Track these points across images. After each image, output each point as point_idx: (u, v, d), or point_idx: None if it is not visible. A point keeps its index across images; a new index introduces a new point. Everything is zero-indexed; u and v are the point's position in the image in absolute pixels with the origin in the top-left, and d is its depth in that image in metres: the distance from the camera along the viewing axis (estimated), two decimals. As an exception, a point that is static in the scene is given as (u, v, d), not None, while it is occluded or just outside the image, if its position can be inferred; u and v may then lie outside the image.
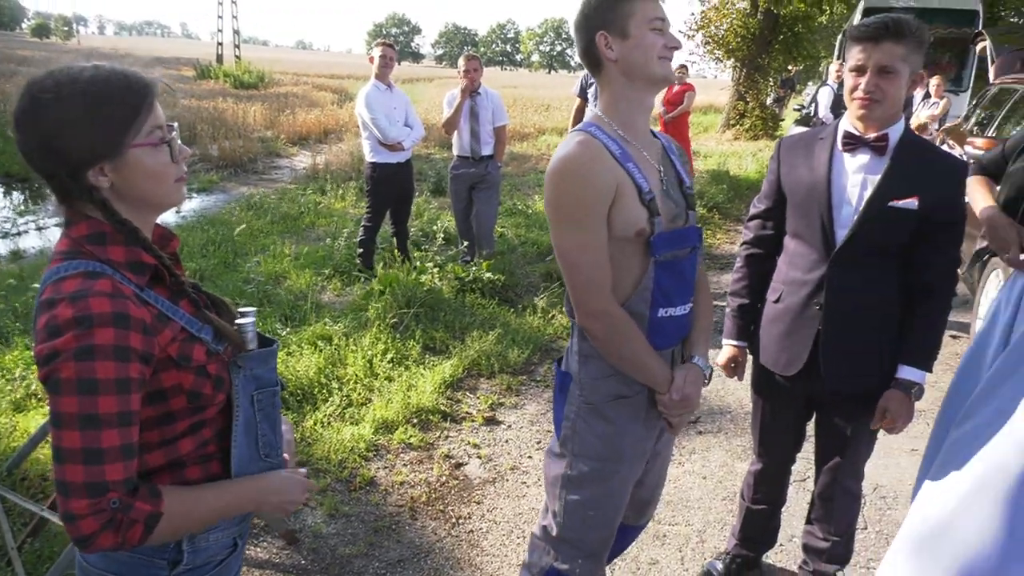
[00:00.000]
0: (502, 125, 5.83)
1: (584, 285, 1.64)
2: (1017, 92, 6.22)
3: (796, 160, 2.18)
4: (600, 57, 1.65)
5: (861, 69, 1.97)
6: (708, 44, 18.98)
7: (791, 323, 2.18)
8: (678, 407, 1.74)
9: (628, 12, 1.61)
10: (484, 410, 3.90)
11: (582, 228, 1.61)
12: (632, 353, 1.68)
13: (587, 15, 1.66)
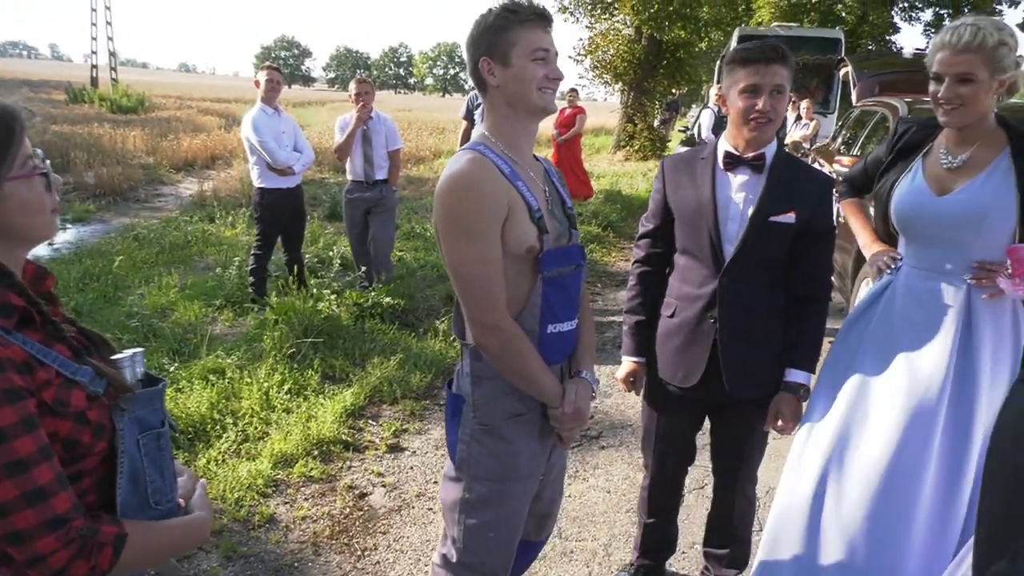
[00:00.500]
0: (396, 149, 5.80)
1: (480, 299, 1.64)
2: (877, 114, 6.73)
3: (680, 180, 2.27)
4: (484, 81, 1.69)
5: (756, 90, 2.07)
6: (596, 68, 19.62)
7: (687, 336, 2.27)
8: (570, 421, 1.78)
9: (511, 41, 1.64)
10: (387, 437, 3.83)
11: (478, 242, 1.62)
12: (527, 368, 1.70)
13: (474, 38, 1.70)
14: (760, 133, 2.12)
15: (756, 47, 2.11)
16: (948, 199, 2.12)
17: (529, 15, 1.66)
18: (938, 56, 2.06)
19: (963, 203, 2.09)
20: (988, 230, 2.07)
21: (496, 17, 1.66)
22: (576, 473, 3.57)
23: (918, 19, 26.86)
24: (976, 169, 2.11)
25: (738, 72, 2.10)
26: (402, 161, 6.83)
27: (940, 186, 2.15)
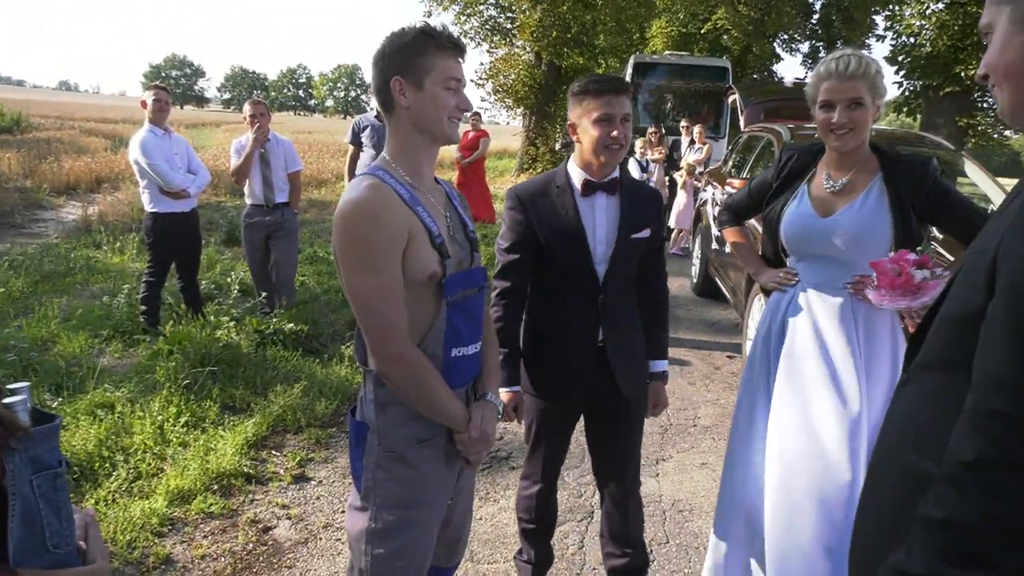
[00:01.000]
0: (296, 171, 5.68)
1: (382, 329, 1.62)
2: (763, 139, 7.13)
3: (543, 210, 2.35)
4: (393, 100, 1.68)
5: (610, 119, 2.22)
6: (498, 92, 19.91)
7: (575, 355, 2.39)
8: (477, 444, 1.79)
9: (427, 66, 1.64)
10: (292, 468, 3.71)
11: (378, 271, 1.60)
12: (432, 394, 1.69)
13: (386, 55, 1.67)
14: (614, 159, 2.27)
15: (604, 79, 2.29)
16: (831, 220, 2.31)
17: (447, 43, 1.66)
18: (825, 85, 2.23)
19: (844, 224, 2.28)
20: (867, 247, 2.27)
21: (414, 39, 1.65)
22: (487, 495, 3.57)
23: (798, 50, 28.68)
24: (855, 192, 2.31)
25: (591, 102, 2.24)
26: (303, 183, 6.68)
27: (824, 208, 2.34)
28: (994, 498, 0.90)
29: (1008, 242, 0.97)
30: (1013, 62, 1.11)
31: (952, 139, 13.94)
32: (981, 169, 6.07)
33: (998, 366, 0.93)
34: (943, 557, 0.94)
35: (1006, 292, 0.95)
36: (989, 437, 0.92)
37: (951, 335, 1.11)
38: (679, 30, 27.73)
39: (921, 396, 1.16)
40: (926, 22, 16.82)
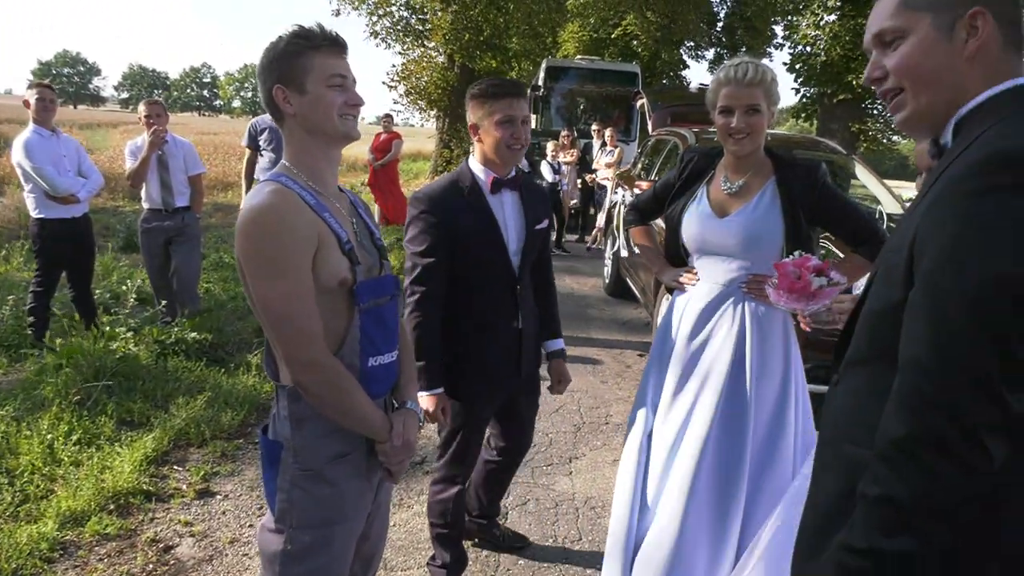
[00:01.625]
0: (197, 174, 5.47)
1: (296, 337, 1.57)
2: (670, 142, 7.33)
3: (456, 210, 2.41)
4: (280, 110, 1.63)
5: (513, 121, 2.37)
6: (411, 95, 19.73)
7: (502, 345, 2.57)
8: (399, 453, 1.75)
9: (306, 68, 1.60)
10: (196, 483, 3.56)
11: (287, 277, 1.54)
12: (352, 403, 1.64)
13: (265, 66, 1.63)
14: (515, 159, 2.46)
15: (505, 82, 2.45)
16: (727, 221, 2.42)
17: (322, 41, 1.62)
18: (724, 91, 2.33)
19: (740, 224, 2.39)
20: (760, 247, 2.39)
21: (287, 43, 1.61)
22: (401, 501, 3.52)
23: (704, 57, 29.68)
24: (750, 194, 2.42)
25: (493, 105, 2.38)
26: (207, 187, 6.43)
27: (722, 209, 2.45)
28: (923, 474, 0.96)
29: (922, 237, 1.03)
30: (934, 70, 1.15)
31: (845, 144, 14.73)
32: (871, 172, 6.43)
33: (920, 351, 0.99)
34: (881, 531, 0.99)
35: (924, 282, 1.00)
36: (916, 417, 0.97)
37: (875, 330, 1.16)
38: (590, 35, 28.23)
39: (852, 391, 1.21)
40: (820, 33, 17.72)
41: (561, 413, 4.73)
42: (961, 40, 1.12)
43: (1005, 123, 1.05)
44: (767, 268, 2.37)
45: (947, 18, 1.12)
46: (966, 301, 0.95)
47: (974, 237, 0.96)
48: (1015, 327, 0.93)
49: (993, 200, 0.95)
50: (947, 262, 0.98)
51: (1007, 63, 1.11)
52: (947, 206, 1.00)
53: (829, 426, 1.28)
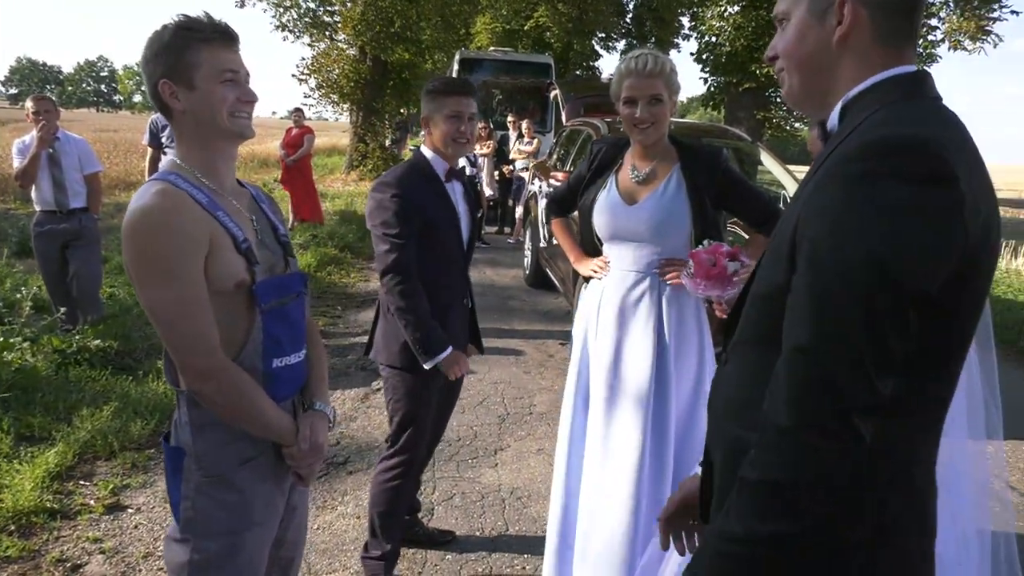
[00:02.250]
0: (94, 172, 5.19)
1: (188, 344, 1.50)
2: (583, 132, 7.42)
3: (423, 196, 2.55)
4: (168, 105, 1.56)
5: (461, 117, 2.55)
6: (322, 88, 19.27)
7: (459, 322, 2.76)
8: (308, 457, 1.70)
9: (194, 62, 1.52)
10: (104, 497, 3.39)
11: (176, 281, 1.47)
12: (253, 409, 1.58)
13: (149, 58, 1.55)
14: (461, 151, 2.66)
15: (457, 81, 2.64)
16: (636, 208, 2.49)
17: (211, 33, 1.53)
18: (627, 83, 2.40)
19: (648, 210, 2.46)
20: (669, 232, 2.47)
21: (173, 35, 1.52)
22: (324, 503, 3.45)
23: (615, 48, 30.16)
24: (656, 181, 2.50)
25: (443, 100, 2.55)
26: (108, 186, 6.12)
27: (631, 197, 2.52)
28: (803, 457, 0.97)
29: (804, 220, 1.04)
30: (807, 54, 1.19)
31: (751, 132, 15.26)
32: (775, 159, 6.68)
33: (802, 334, 1.00)
34: (757, 515, 0.99)
35: (807, 266, 1.02)
36: (797, 401, 0.98)
37: (761, 312, 1.18)
38: (503, 26, 28.27)
39: (738, 372, 1.24)
40: (725, 24, 18.26)
41: (485, 405, 4.73)
42: (832, 26, 1.15)
43: (887, 110, 1.08)
44: (677, 252, 2.47)
45: (821, 4, 1.16)
46: (844, 286, 0.96)
47: (853, 223, 0.97)
48: (889, 314, 0.95)
49: (872, 187, 0.97)
50: (827, 247, 0.99)
51: (883, 49, 1.14)
52: (828, 191, 1.02)
53: (716, 407, 1.30)
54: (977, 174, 1.02)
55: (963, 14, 16.75)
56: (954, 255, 0.97)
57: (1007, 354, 6.29)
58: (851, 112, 1.15)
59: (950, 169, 0.96)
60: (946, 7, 17.53)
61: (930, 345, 1.01)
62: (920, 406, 1.06)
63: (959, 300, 1.02)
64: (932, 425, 1.11)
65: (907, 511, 1.08)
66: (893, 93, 1.11)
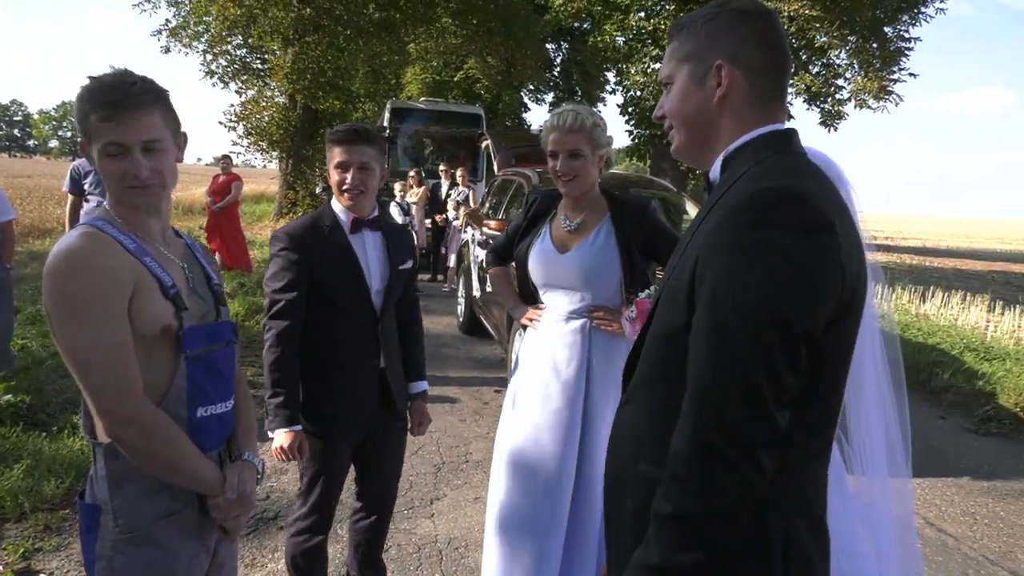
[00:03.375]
0: (7, 221, 5.01)
1: (108, 389, 1.46)
2: (515, 182, 7.55)
3: (316, 249, 2.41)
4: (93, 156, 1.54)
5: (347, 166, 2.39)
6: (251, 135, 19.05)
7: (361, 383, 2.53)
8: (234, 508, 1.66)
9: (89, 131, 1.50)
10: (14, 562, 3.17)
11: (98, 324, 1.44)
12: (176, 457, 1.54)
13: (76, 110, 1.54)
14: (353, 202, 2.44)
15: (345, 129, 2.43)
16: (568, 256, 2.58)
17: (101, 103, 1.48)
18: (551, 137, 2.51)
19: (579, 259, 2.56)
20: (600, 279, 2.57)
21: (79, 99, 1.50)
22: (253, 560, 3.32)
23: (544, 100, 30.95)
24: (587, 231, 2.60)
25: (332, 149, 2.42)
26: (21, 234, 5.87)
27: (563, 246, 2.61)
28: (709, 489, 1.04)
29: (704, 262, 1.12)
30: (690, 113, 1.31)
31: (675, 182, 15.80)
32: (699, 208, 6.92)
33: (704, 370, 1.08)
34: (673, 546, 1.06)
35: (705, 308, 1.10)
36: (700, 435, 1.06)
37: (660, 353, 1.25)
38: (434, 77, 28.71)
39: (641, 411, 1.29)
40: (647, 79, 19.01)
41: (420, 455, 4.67)
42: (712, 87, 1.27)
43: (765, 164, 1.19)
44: (608, 299, 2.58)
45: (699, 69, 1.28)
46: (740, 326, 1.05)
47: (747, 267, 1.06)
48: (781, 352, 1.04)
49: (760, 235, 1.07)
50: (724, 290, 1.08)
51: (757, 108, 1.26)
52: (722, 239, 1.11)
53: (622, 446, 1.35)
54: (847, 223, 1.14)
55: (867, 75, 17.92)
56: (834, 295, 1.07)
57: (918, 395, 6.61)
58: (731, 165, 1.25)
59: (827, 218, 1.07)
60: (851, 68, 18.76)
61: (815, 380, 1.10)
62: (811, 433, 1.16)
63: (836, 337, 1.12)
64: (821, 451, 1.21)
65: (811, 538, 1.16)
66: (768, 148, 1.22)
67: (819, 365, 1.09)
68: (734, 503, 1.03)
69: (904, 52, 17.93)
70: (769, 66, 1.25)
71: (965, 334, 8.69)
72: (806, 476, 1.17)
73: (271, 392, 2.38)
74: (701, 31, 1.28)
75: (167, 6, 18.73)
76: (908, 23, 18.01)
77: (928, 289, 11.80)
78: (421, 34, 20.69)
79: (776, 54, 1.26)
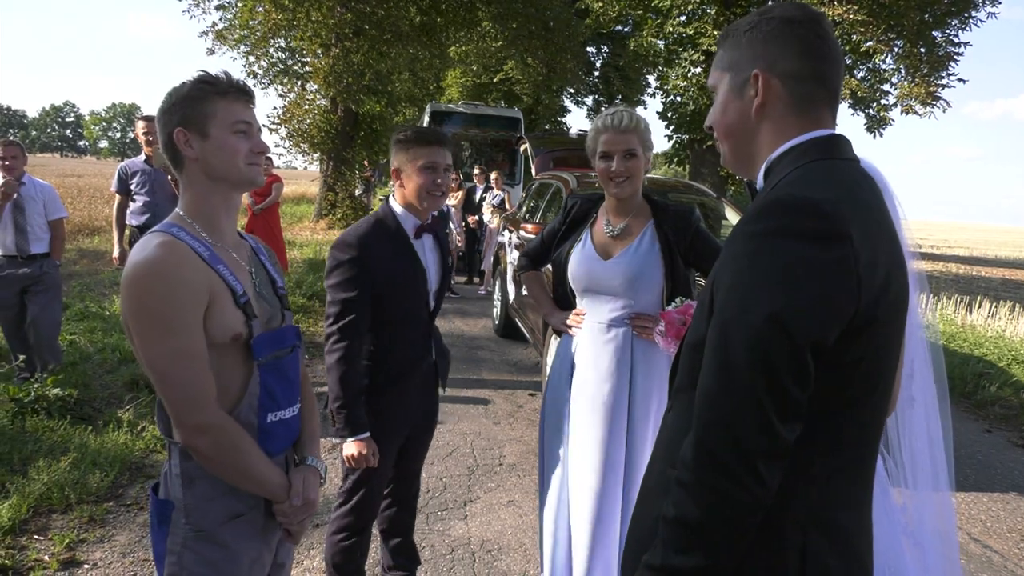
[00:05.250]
0: (59, 219, 5.12)
1: (184, 398, 1.49)
2: (553, 185, 7.55)
3: (382, 254, 2.43)
4: (180, 154, 1.58)
5: (436, 168, 2.45)
6: (293, 137, 19.35)
7: (419, 383, 2.62)
8: (299, 513, 1.69)
9: (209, 112, 1.57)
10: (59, 552, 3.26)
11: (175, 335, 1.47)
12: (247, 464, 1.57)
13: (166, 109, 1.59)
14: (436, 204, 2.51)
15: (431, 131, 2.51)
16: (611, 263, 2.56)
17: (228, 88, 1.59)
18: (603, 138, 2.49)
19: (623, 266, 2.53)
20: (642, 286, 2.54)
21: (192, 87, 1.58)
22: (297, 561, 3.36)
23: (584, 103, 30.92)
24: (631, 237, 2.57)
25: (417, 151, 2.45)
26: (71, 232, 6.04)
27: (605, 251, 2.59)
28: (710, 494, 1.05)
29: (719, 271, 1.13)
30: (731, 124, 1.31)
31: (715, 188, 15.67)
32: (739, 214, 6.85)
33: (708, 380, 1.09)
34: (675, 549, 1.08)
35: (716, 313, 1.11)
36: (703, 442, 1.07)
37: (690, 360, 1.25)
38: (473, 80, 28.85)
39: (676, 417, 1.31)
40: (688, 84, 18.86)
41: (455, 456, 4.69)
42: (750, 97, 1.26)
43: (797, 172, 1.17)
44: (649, 307, 2.55)
45: (739, 79, 1.28)
46: (745, 337, 1.05)
47: (751, 277, 1.06)
48: (785, 362, 1.03)
49: (769, 243, 1.06)
50: (729, 299, 1.08)
51: (798, 116, 1.24)
52: (733, 247, 1.12)
53: (658, 451, 1.37)
54: (879, 234, 1.11)
55: (913, 80, 17.53)
56: (847, 307, 1.05)
57: (964, 407, 6.44)
58: (773, 173, 1.24)
59: (840, 227, 1.05)
60: (897, 73, 18.36)
61: (841, 392, 1.09)
62: (838, 449, 1.14)
63: (860, 349, 1.09)
64: (853, 469, 1.18)
65: (833, 554, 1.13)
66: (807, 156, 1.20)
67: (840, 377, 1.08)
68: (733, 511, 1.05)
69: (953, 57, 17.49)
70: (809, 73, 1.23)
71: (1013, 346, 8.43)
72: (831, 492, 1.15)
73: (339, 401, 2.38)
74: (743, 39, 1.27)
75: (214, 10, 19.10)
76: (958, 27, 17.56)
77: (975, 299, 11.49)
78: (461, 38, 20.81)
79: (817, 61, 1.23)
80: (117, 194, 5.86)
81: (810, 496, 1.12)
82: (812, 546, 1.11)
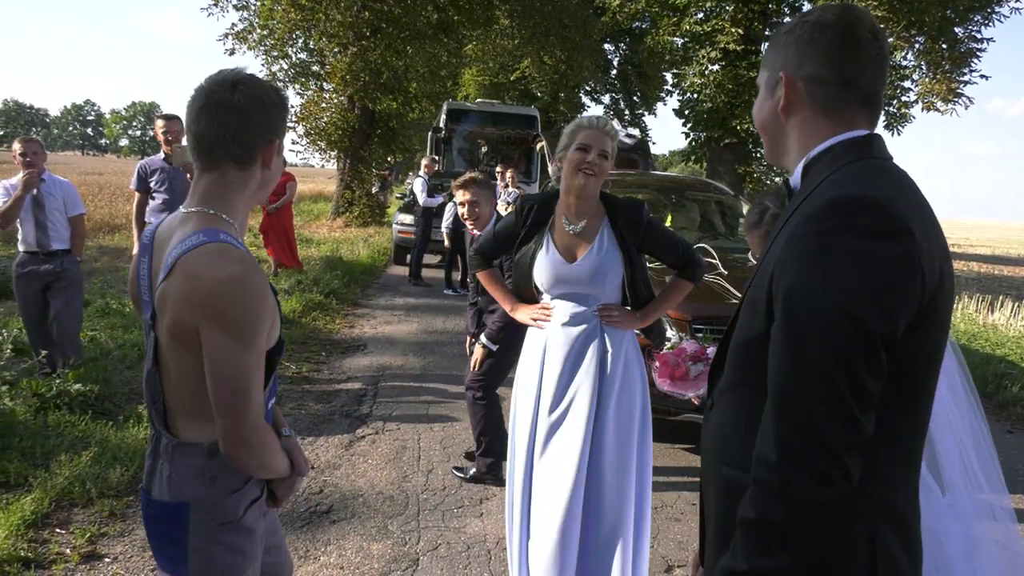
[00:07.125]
0: (78, 215, 5.17)
1: (244, 411, 1.49)
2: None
3: None
4: (256, 158, 1.58)
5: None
6: (310, 135, 19.45)
7: None
8: (299, 484, 1.78)
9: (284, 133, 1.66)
10: (81, 546, 3.30)
11: (254, 349, 1.48)
12: (270, 459, 1.62)
13: (271, 110, 1.59)
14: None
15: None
16: (576, 266, 2.79)
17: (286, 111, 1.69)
18: (583, 133, 2.72)
19: (588, 267, 2.77)
20: (606, 281, 2.79)
21: (287, 103, 1.67)
22: (307, 553, 3.39)
23: (601, 101, 30.83)
24: (591, 236, 2.79)
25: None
26: (92, 229, 6.10)
27: (570, 253, 2.81)
28: (792, 493, 1.05)
29: (779, 275, 1.14)
30: (764, 120, 1.36)
31: (732, 185, 15.56)
32: (756, 211, 6.79)
33: (784, 380, 1.09)
34: (759, 551, 1.08)
35: (783, 317, 1.11)
36: (782, 439, 1.07)
37: (740, 359, 1.27)
38: (490, 79, 28.86)
39: (724, 415, 1.32)
40: (705, 81, 18.75)
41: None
42: (779, 97, 1.31)
43: (841, 172, 1.19)
44: (611, 295, 2.80)
45: (772, 79, 1.33)
46: (819, 334, 1.06)
47: (821, 276, 1.08)
48: (861, 356, 1.04)
49: (837, 241, 1.08)
50: (799, 299, 1.09)
51: (827, 117, 1.27)
52: (798, 247, 1.12)
53: (707, 451, 1.38)
54: (930, 227, 1.14)
55: (935, 77, 17.32)
56: (913, 300, 1.07)
57: (985, 408, 6.34)
58: (811, 173, 1.26)
59: (903, 223, 1.07)
60: (919, 69, 18.14)
61: (901, 382, 1.11)
62: (898, 438, 1.16)
63: (921, 340, 1.12)
64: (910, 453, 1.21)
65: (898, 543, 1.16)
66: (846, 156, 1.22)
67: (903, 368, 1.10)
68: (820, 509, 1.05)
69: (975, 53, 17.26)
70: (834, 78, 1.25)
71: (1037, 346, 8.32)
72: (893, 481, 1.17)
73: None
74: (781, 40, 1.32)
75: (233, 9, 19.23)
76: (980, 23, 17.31)
77: (997, 298, 11.34)
78: (478, 35, 20.82)
79: (843, 65, 1.25)
80: (137, 192, 5.91)
81: (876, 486, 1.13)
82: (880, 534, 1.13)
